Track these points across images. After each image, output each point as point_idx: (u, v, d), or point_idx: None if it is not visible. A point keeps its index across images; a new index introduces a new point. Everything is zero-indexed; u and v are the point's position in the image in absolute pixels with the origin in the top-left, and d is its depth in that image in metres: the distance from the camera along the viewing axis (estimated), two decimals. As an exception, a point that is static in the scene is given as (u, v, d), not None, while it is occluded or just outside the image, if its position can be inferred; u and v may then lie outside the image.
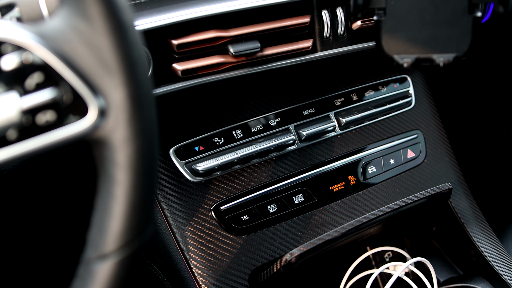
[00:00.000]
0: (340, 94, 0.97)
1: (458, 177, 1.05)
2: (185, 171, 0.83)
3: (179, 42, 0.75)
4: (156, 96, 0.74)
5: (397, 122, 1.01)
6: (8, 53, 0.42)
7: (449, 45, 0.69)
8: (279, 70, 0.85)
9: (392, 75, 1.04)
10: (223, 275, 0.82)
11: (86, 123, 0.44)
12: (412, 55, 0.70)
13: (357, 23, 0.87)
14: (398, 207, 0.86)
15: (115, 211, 0.46)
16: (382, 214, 0.85)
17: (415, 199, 0.88)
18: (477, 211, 1.04)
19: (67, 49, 0.44)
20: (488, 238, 0.99)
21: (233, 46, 0.79)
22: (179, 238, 0.82)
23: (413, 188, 0.99)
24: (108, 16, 0.44)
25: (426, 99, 1.07)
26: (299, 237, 0.88)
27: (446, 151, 1.05)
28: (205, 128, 0.86)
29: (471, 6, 0.68)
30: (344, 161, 0.94)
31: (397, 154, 0.99)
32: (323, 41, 0.87)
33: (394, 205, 0.86)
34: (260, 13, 0.80)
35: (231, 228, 0.84)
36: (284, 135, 0.89)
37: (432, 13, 0.69)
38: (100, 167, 0.47)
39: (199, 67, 0.78)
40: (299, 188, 0.89)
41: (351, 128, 0.96)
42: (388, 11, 0.70)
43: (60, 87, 0.44)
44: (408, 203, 0.87)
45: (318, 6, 0.84)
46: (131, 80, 0.45)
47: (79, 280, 0.47)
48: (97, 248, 0.46)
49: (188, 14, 0.75)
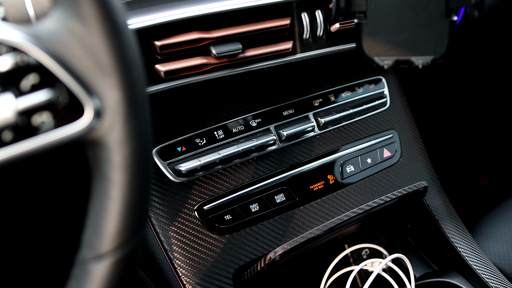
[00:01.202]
0: (318, 95, 0.99)
1: (431, 175, 1.08)
2: (167, 171, 0.83)
3: (162, 43, 0.76)
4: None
5: (373, 122, 1.04)
6: (3, 54, 0.42)
7: (427, 47, 0.71)
8: (260, 71, 0.86)
9: (367, 76, 1.06)
10: (207, 274, 0.82)
11: (82, 124, 0.45)
12: (392, 57, 0.72)
13: (335, 26, 0.89)
14: (378, 204, 0.88)
15: (111, 211, 0.46)
16: (362, 212, 0.87)
17: (393, 197, 0.90)
18: (450, 208, 1.07)
19: (62, 50, 0.44)
20: (461, 234, 1.02)
21: (215, 47, 0.80)
22: (162, 238, 0.82)
23: (389, 186, 1.01)
24: (103, 18, 0.45)
25: (400, 100, 1.10)
26: (281, 236, 0.89)
27: (420, 150, 1.08)
28: (187, 129, 0.86)
29: (448, 10, 0.71)
30: (323, 160, 0.96)
31: (373, 154, 1.02)
32: (302, 43, 0.88)
33: (374, 203, 0.88)
34: (242, 15, 0.82)
35: (214, 227, 0.85)
36: (265, 135, 0.90)
37: (411, 17, 0.71)
38: (95, 168, 0.47)
39: (182, 68, 0.78)
40: (280, 188, 0.91)
41: (330, 128, 0.98)
42: (369, 14, 0.72)
43: (56, 89, 0.44)
44: (387, 201, 0.89)
45: (298, 9, 0.86)
46: (126, 81, 0.45)
47: (74, 281, 0.47)
48: (93, 249, 0.47)
49: (171, 15, 0.76)
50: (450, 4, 0.71)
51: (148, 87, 0.77)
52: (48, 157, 0.90)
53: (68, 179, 0.99)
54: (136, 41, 0.72)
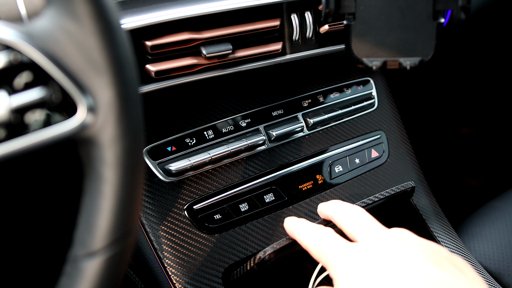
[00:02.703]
0: (307, 96, 0.99)
1: (418, 175, 1.10)
2: (157, 171, 0.83)
3: (153, 43, 0.76)
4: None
5: (361, 123, 1.05)
6: (-4, 52, 0.43)
7: (415, 49, 0.73)
8: (250, 71, 0.86)
9: (355, 78, 1.08)
10: (197, 274, 0.83)
11: (74, 122, 0.45)
12: (380, 58, 0.73)
13: (324, 27, 0.90)
14: (365, 205, 0.89)
15: (103, 208, 0.46)
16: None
17: (381, 197, 0.91)
18: (436, 207, 1.08)
19: (56, 48, 0.44)
20: (448, 234, 1.04)
21: (205, 47, 0.80)
22: (152, 237, 0.82)
23: (377, 186, 1.02)
24: (97, 16, 0.45)
25: (388, 101, 1.11)
26: (270, 235, 0.90)
27: (407, 151, 1.10)
28: (177, 129, 0.87)
29: (435, 13, 0.72)
30: (312, 160, 0.97)
31: (361, 154, 1.03)
32: (292, 44, 0.89)
33: (362, 203, 0.89)
34: (232, 16, 0.82)
35: (204, 227, 0.85)
36: (254, 135, 0.91)
37: (399, 19, 0.72)
38: (88, 166, 0.47)
39: (172, 68, 0.79)
40: (270, 187, 0.91)
41: (318, 129, 0.99)
42: (358, 16, 0.73)
43: (49, 87, 0.44)
44: (375, 201, 0.90)
45: (287, 10, 0.87)
46: (120, 80, 0.46)
47: (66, 278, 0.48)
48: (85, 246, 0.47)
49: (162, 16, 0.76)
50: (437, 7, 0.72)
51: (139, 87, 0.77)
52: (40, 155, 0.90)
53: (60, 176, 0.99)
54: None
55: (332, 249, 0.61)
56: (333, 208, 0.70)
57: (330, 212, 0.70)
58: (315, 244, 0.64)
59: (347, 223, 0.66)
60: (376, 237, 0.61)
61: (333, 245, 0.62)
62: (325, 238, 0.63)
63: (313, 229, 0.67)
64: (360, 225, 0.64)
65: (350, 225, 0.65)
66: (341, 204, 0.70)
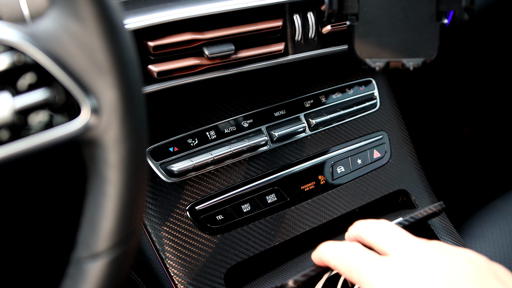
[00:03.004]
0: (309, 96, 0.99)
1: (420, 176, 1.09)
2: (160, 172, 0.83)
3: (155, 44, 0.76)
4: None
5: (363, 124, 1.05)
6: (0, 54, 0.42)
7: (418, 50, 0.72)
8: (252, 72, 0.86)
9: (358, 78, 1.07)
10: (199, 274, 0.83)
11: (78, 124, 0.45)
12: (383, 59, 0.73)
13: (327, 28, 0.90)
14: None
15: (107, 210, 0.46)
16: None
17: (412, 220, 0.78)
18: (438, 208, 1.08)
19: (60, 49, 0.44)
20: (450, 234, 1.04)
21: (208, 48, 0.80)
22: (154, 238, 0.82)
23: (379, 187, 1.02)
24: (101, 18, 0.45)
25: (390, 102, 1.11)
26: (272, 236, 0.90)
27: (409, 151, 1.10)
28: (179, 129, 0.86)
29: (439, 14, 0.72)
30: (314, 161, 0.97)
31: (363, 155, 1.03)
32: (294, 44, 0.89)
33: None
34: (234, 16, 0.82)
35: (206, 227, 0.85)
36: (256, 136, 0.91)
37: (402, 19, 0.72)
38: (91, 167, 0.47)
39: (175, 69, 0.79)
40: (272, 188, 0.91)
41: (320, 129, 0.99)
42: (360, 17, 0.73)
43: (53, 88, 0.44)
44: (406, 224, 0.78)
45: (290, 11, 0.87)
46: (123, 81, 0.46)
47: (70, 280, 0.48)
48: (88, 248, 0.47)
49: (164, 16, 0.76)
50: (441, 7, 0.72)
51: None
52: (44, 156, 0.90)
53: (63, 178, 0.99)
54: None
55: (364, 265, 0.56)
56: (359, 228, 0.64)
57: (357, 232, 0.64)
58: (344, 261, 0.58)
59: (377, 238, 0.60)
60: (410, 249, 0.56)
61: (365, 261, 0.56)
62: (355, 254, 0.58)
63: (340, 247, 0.61)
64: (391, 238, 0.58)
65: (381, 239, 0.59)
66: (366, 222, 0.64)
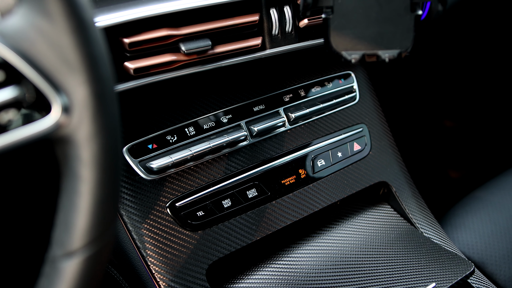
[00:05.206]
0: (288, 90, 0.99)
1: (401, 168, 1.10)
2: (139, 169, 0.83)
3: (131, 40, 0.76)
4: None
5: (343, 117, 1.05)
6: (-33, 52, 0.42)
7: (394, 41, 0.73)
8: (230, 67, 0.86)
9: (336, 71, 1.08)
10: (181, 271, 0.83)
11: (49, 121, 0.44)
12: (359, 52, 0.73)
13: (304, 21, 0.90)
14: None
15: (81, 207, 0.46)
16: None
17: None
18: (419, 199, 1.09)
19: (29, 47, 0.44)
20: (431, 225, 1.05)
21: (184, 44, 0.80)
22: (135, 236, 0.82)
23: (360, 179, 1.03)
24: (69, 14, 0.44)
25: (369, 94, 1.12)
26: (253, 231, 0.90)
27: (389, 144, 1.10)
28: (157, 126, 0.86)
29: (413, 5, 0.72)
30: (294, 155, 0.97)
31: (344, 147, 1.03)
32: (271, 38, 0.89)
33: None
34: (211, 11, 0.82)
35: (187, 224, 0.85)
36: (236, 131, 0.91)
37: (377, 11, 0.72)
38: (64, 165, 0.47)
39: (151, 65, 0.78)
40: (252, 183, 0.91)
41: (300, 123, 0.99)
42: (336, 9, 0.73)
43: (22, 86, 0.43)
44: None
45: (266, 5, 0.87)
46: (94, 77, 0.45)
47: (45, 279, 0.47)
48: (63, 246, 0.46)
49: (140, 12, 0.75)
50: (414, -1, 0.72)
51: (118, 84, 0.77)
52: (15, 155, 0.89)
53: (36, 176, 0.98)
54: (104, 38, 0.72)
55: None
56: None
57: None
58: None
59: None
60: None
61: None
62: None
63: None
64: None
65: None
66: None
